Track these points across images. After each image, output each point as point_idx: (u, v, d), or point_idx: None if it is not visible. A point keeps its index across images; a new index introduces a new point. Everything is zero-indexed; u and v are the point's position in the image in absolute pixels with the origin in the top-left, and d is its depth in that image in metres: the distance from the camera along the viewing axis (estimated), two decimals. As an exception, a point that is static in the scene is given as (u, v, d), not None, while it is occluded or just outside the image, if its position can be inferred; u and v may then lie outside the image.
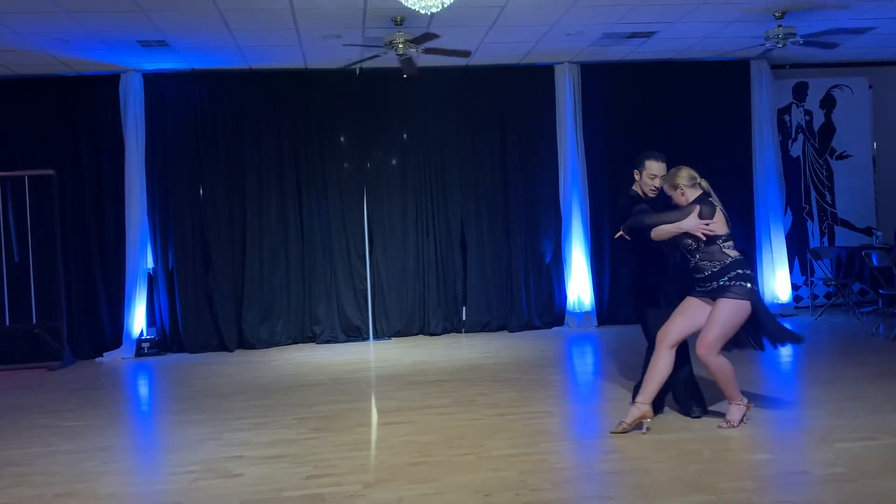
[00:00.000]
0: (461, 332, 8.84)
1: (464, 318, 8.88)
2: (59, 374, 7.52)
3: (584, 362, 7.38)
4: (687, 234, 4.56)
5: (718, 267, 4.54)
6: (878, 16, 7.31)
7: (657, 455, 4.21)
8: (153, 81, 8.33)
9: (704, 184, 4.69)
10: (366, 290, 8.73)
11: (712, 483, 3.77)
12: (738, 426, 4.61)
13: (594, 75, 8.86)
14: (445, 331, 8.80)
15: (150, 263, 8.38)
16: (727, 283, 4.50)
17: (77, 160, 8.32)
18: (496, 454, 4.35)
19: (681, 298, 4.73)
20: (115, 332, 8.30)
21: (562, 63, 8.78)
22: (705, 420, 4.80)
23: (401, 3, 5.82)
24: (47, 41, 6.97)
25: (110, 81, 8.21)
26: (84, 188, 8.33)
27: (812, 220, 9.62)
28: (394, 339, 8.66)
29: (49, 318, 8.05)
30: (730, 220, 4.72)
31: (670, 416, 4.90)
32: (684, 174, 4.65)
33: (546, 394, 5.85)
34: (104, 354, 8.19)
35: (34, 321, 8.04)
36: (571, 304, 8.82)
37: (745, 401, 4.69)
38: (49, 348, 7.98)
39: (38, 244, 8.11)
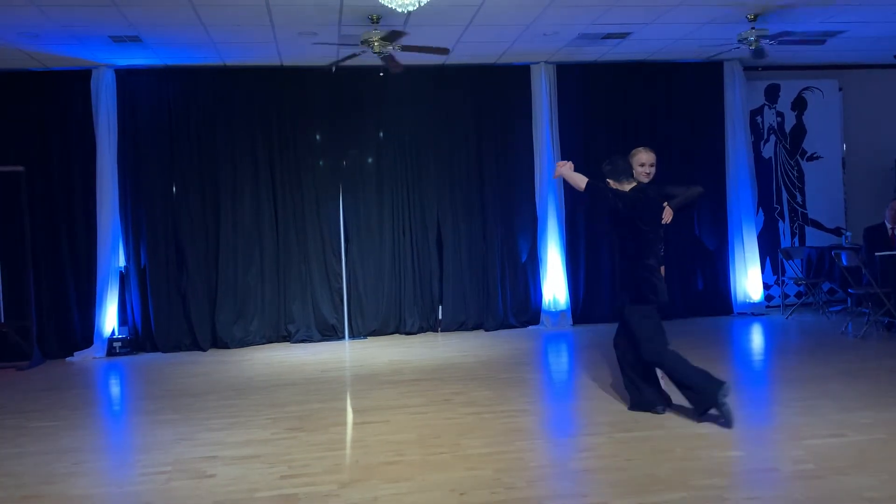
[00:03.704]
0: (437, 331, 8.84)
1: (440, 316, 8.88)
2: (27, 374, 7.40)
3: (560, 361, 7.42)
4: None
5: None
6: (848, 19, 7.43)
7: (631, 453, 4.25)
8: (126, 77, 8.21)
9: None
10: (341, 288, 8.69)
11: (684, 480, 3.81)
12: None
13: (570, 75, 8.91)
14: (421, 330, 8.80)
15: (121, 262, 8.27)
16: None
17: (47, 157, 8.18)
18: (471, 453, 4.36)
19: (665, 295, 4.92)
20: (85, 331, 8.18)
21: (538, 63, 8.81)
22: (678, 418, 4.85)
23: (377, 1, 5.81)
24: (16, 35, 6.84)
25: (82, 77, 8.08)
26: (54, 185, 8.19)
27: (783, 220, 9.75)
28: (369, 338, 8.63)
29: (18, 317, 7.91)
30: None
31: (642, 415, 4.95)
32: None
33: (521, 392, 5.87)
34: (75, 354, 8.07)
35: (2, 320, 7.89)
36: (547, 303, 8.86)
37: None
38: (18, 348, 7.85)
39: (6, 242, 7.97)
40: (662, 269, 5.08)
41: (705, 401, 4.68)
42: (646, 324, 4.84)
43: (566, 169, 5.12)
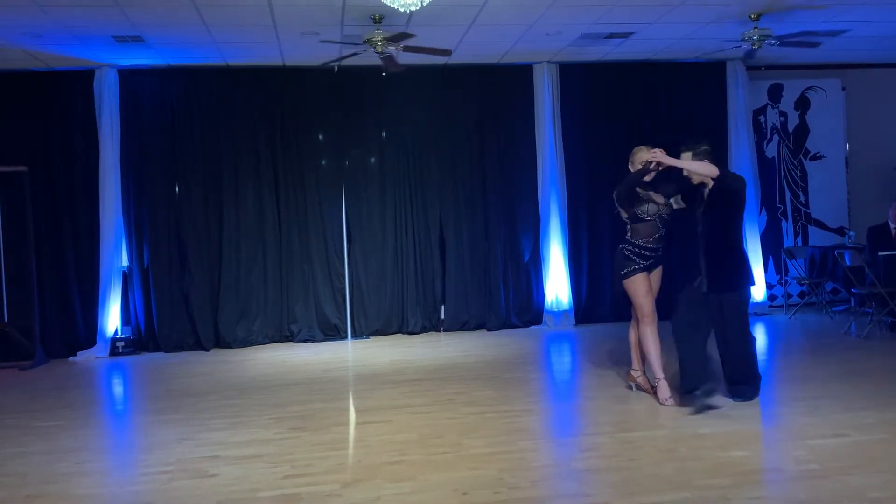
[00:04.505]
0: (440, 331, 8.83)
1: (442, 316, 8.87)
2: (30, 373, 7.41)
3: (562, 361, 7.42)
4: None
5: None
6: (851, 18, 7.42)
7: (634, 453, 4.24)
8: (128, 77, 8.22)
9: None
10: (344, 288, 8.69)
11: (688, 480, 3.81)
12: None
13: (573, 75, 8.89)
14: (424, 329, 8.79)
15: (124, 261, 8.27)
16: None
17: (50, 157, 8.18)
18: (474, 453, 4.36)
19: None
20: (88, 330, 8.19)
21: (540, 63, 8.80)
22: (681, 418, 4.85)
23: (380, 1, 5.81)
24: (19, 35, 6.85)
25: (85, 77, 8.09)
26: (57, 185, 8.20)
27: (786, 219, 9.74)
28: (372, 338, 8.63)
29: (21, 316, 7.92)
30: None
31: (645, 415, 4.94)
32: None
33: (524, 392, 5.87)
34: (77, 354, 8.07)
35: (6, 320, 7.91)
36: (549, 302, 8.85)
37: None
38: (21, 347, 7.85)
39: (9, 242, 7.97)
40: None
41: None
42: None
43: (677, 161, 5.30)
